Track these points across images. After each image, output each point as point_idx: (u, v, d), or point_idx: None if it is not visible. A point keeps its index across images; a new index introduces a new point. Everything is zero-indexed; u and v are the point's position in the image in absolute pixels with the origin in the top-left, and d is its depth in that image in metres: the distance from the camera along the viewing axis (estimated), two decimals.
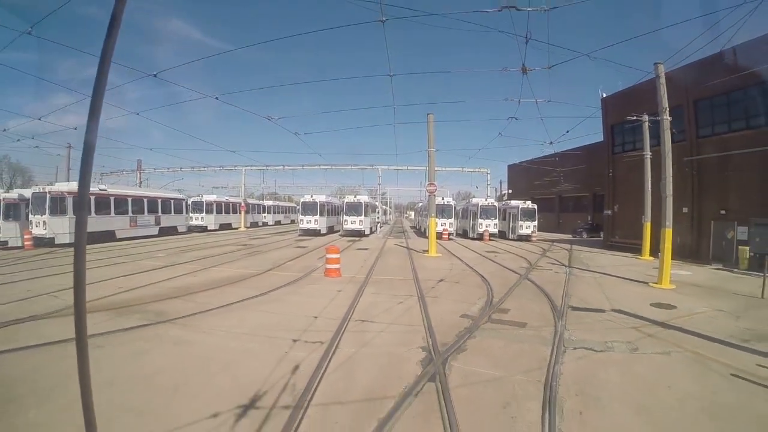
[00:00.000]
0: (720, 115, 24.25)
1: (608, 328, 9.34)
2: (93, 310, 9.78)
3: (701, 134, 25.17)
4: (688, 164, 24.86)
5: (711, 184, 24.20)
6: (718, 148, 23.64)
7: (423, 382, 6.05)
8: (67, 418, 4.68)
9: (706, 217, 24.26)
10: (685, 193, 25.05)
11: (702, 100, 24.87)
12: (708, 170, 24.43)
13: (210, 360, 6.87)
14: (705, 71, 23.22)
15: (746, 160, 21.70)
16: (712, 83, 22.74)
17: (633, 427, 5.03)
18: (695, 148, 25.04)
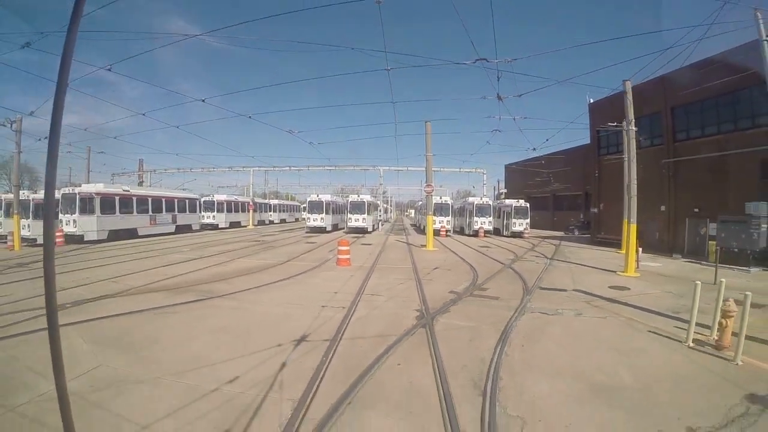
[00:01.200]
0: (694, 121, 26.35)
1: (564, 301, 11.86)
2: (152, 290, 12.38)
3: (678, 138, 27.34)
4: (665, 166, 27.19)
5: (686, 185, 26.30)
6: (693, 151, 25.71)
7: (417, 328, 8.64)
8: (167, 353, 7.21)
9: (682, 214, 26.26)
10: (663, 193, 27.41)
11: (678, 107, 27.06)
12: (683, 171, 26.56)
13: (263, 319, 9.41)
14: (681, 81, 25.38)
15: (717, 163, 23.77)
16: (687, 92, 24.97)
17: (554, 353, 7.51)
18: (672, 151, 27.19)
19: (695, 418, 5.18)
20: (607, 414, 5.32)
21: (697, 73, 24.05)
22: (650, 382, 6.27)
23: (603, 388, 6.06)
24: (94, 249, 24.88)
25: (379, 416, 5.13)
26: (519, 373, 6.50)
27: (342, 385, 5.88)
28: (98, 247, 25.83)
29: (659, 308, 11.04)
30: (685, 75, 24.82)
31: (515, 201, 42.76)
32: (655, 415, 5.28)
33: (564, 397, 5.73)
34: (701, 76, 23.64)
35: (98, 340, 7.67)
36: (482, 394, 5.73)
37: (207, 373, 6.28)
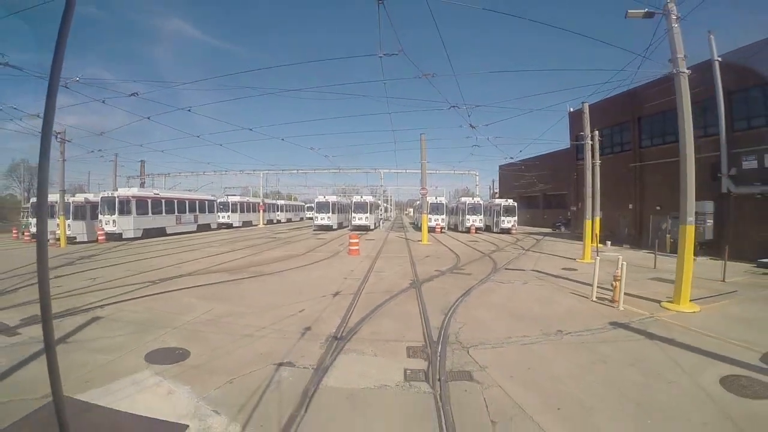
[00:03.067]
0: (657, 130, 30.36)
1: (520, 276, 16.09)
2: (214, 272, 16.66)
3: (643, 145, 31.41)
4: (633, 169, 31.30)
5: (650, 185, 30.27)
6: (656, 156, 29.61)
7: (409, 288, 13.02)
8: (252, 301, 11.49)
9: (647, 212, 29.99)
10: (631, 193, 31.50)
11: (644, 117, 31.07)
12: (648, 174, 30.54)
13: (305, 284, 13.76)
14: (645, 95, 29.25)
15: (675, 166, 27.42)
16: (650, 105, 28.98)
17: (495, 301, 11.76)
18: (638, 156, 31.23)
19: (568, 328, 9.28)
20: (514, 324, 9.52)
21: (659, 88, 27.55)
22: (551, 314, 10.43)
23: (518, 315, 10.29)
24: (136, 245, 29.06)
25: (387, 322, 9.41)
26: (469, 308, 10.78)
27: (364, 311, 10.19)
28: (138, 244, 30.11)
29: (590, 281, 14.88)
30: (649, 90, 28.51)
31: (504, 200, 46.89)
32: (543, 325, 9.41)
33: (491, 317, 9.97)
34: (662, 92, 27.18)
35: (200, 297, 11.86)
36: (444, 314, 10.01)
37: (284, 309, 10.52)
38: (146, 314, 10.07)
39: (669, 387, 6.22)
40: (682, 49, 12.52)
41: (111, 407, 5.43)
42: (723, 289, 14.36)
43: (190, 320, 9.53)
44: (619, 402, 5.76)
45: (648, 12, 12.77)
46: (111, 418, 5.20)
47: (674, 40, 12.48)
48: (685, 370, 6.79)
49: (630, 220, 32.12)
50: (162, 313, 10.19)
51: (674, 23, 12.47)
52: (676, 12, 12.51)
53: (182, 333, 8.59)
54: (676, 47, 12.45)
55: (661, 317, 10.27)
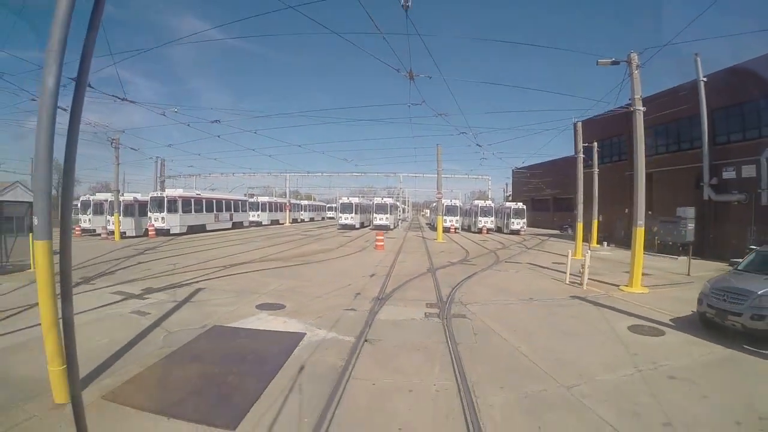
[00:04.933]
0: (648, 142, 33.33)
1: (515, 267, 20.02)
2: (270, 260, 20.69)
3: None
4: (628, 177, 34.58)
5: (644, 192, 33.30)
6: (649, 165, 32.74)
7: (427, 273, 17.07)
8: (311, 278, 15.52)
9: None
10: (627, 198, 34.74)
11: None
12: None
13: (347, 269, 17.90)
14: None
15: (665, 175, 30.89)
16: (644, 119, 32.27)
17: (491, 282, 15.73)
18: (632, 166, 34.11)
19: (537, 297, 13.21)
20: (499, 294, 13.48)
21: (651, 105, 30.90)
22: (528, 290, 14.33)
23: (504, 290, 14.25)
24: (184, 239, 33.46)
25: (411, 292, 13.42)
26: (469, 285, 14.78)
27: (395, 285, 14.30)
28: (185, 238, 34.48)
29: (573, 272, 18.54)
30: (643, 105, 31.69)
31: (514, 204, 50.41)
32: (520, 296, 13.35)
33: (484, 291, 13.93)
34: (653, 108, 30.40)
35: (270, 276, 15.96)
36: (451, 287, 14.03)
37: (336, 283, 14.57)
38: (236, 286, 14.10)
39: (591, 327, 10.08)
40: (640, 91, 16.20)
41: (252, 328, 9.40)
42: (682, 280, 17.49)
43: (272, 289, 13.57)
44: (552, 331, 9.66)
45: (614, 60, 16.48)
46: (257, 333, 9.15)
47: (634, 84, 16.24)
48: (608, 321, 10.61)
49: (625, 223, 35.33)
50: (247, 285, 14.23)
51: (635, 70, 16.19)
52: (637, 61, 16.22)
53: (272, 296, 12.62)
54: (634, 89, 16.15)
55: (613, 295, 14.03)
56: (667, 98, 29.62)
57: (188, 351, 7.93)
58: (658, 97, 30.76)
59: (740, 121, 25.99)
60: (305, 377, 6.68)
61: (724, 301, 9.32)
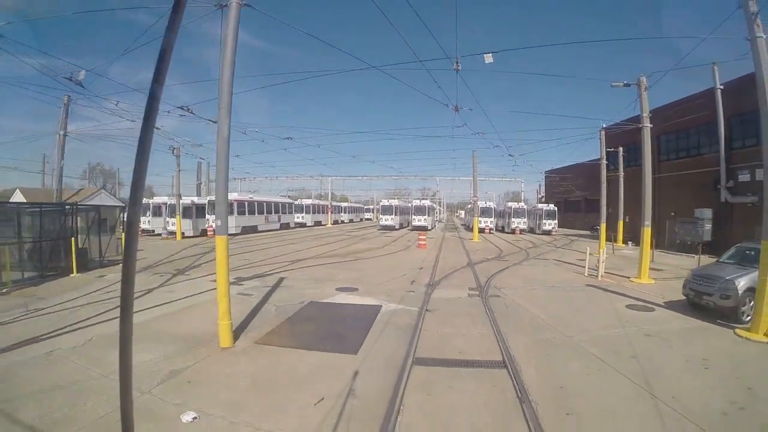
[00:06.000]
0: (672, 146, 35.99)
1: (542, 262, 22.98)
2: (328, 256, 23.95)
3: (661, 159, 36.62)
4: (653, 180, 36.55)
5: (667, 195, 35.03)
6: (672, 168, 35.01)
7: (467, 267, 20.24)
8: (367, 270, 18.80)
9: (664, 217, 34.92)
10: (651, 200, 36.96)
11: (662, 135, 35.99)
12: (665, 184, 35.22)
13: (398, 263, 21.21)
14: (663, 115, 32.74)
15: (686, 177, 33.01)
16: (665, 124, 33.72)
17: (520, 273, 18.79)
18: (657, 169, 35.92)
19: (557, 285, 16.25)
20: (527, 282, 16.55)
21: (675, 110, 33.20)
22: (551, 279, 17.35)
23: (531, 279, 17.28)
24: (241, 239, 37.39)
25: (455, 280, 16.65)
26: (502, 276, 17.86)
27: (441, 275, 17.51)
28: (241, 238, 38.39)
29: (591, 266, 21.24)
30: (667, 111, 33.59)
31: (545, 205, 52.89)
32: (544, 283, 16.37)
33: (514, 280, 17.04)
34: (677, 113, 32.85)
35: (335, 269, 19.31)
36: (487, 277, 17.20)
37: (393, 274, 17.82)
38: (311, 276, 17.49)
39: (596, 305, 13.09)
40: (647, 110, 18.89)
41: (340, 302, 12.68)
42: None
43: (342, 278, 16.91)
44: (565, 306, 12.72)
45: (626, 83, 19.24)
46: (345, 305, 12.45)
47: (643, 103, 18.97)
48: (612, 301, 13.57)
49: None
50: (320, 275, 17.61)
51: (643, 92, 18.92)
52: (646, 83, 18.95)
53: (344, 282, 15.93)
54: (643, 108, 18.89)
55: (623, 284, 16.84)
56: (686, 106, 32.05)
57: (300, 316, 11.25)
58: (678, 104, 32.88)
59: (754, 127, 27.68)
60: (391, 329, 9.93)
61: (700, 284, 12.15)
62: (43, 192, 45.85)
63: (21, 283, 15.42)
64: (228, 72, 8.92)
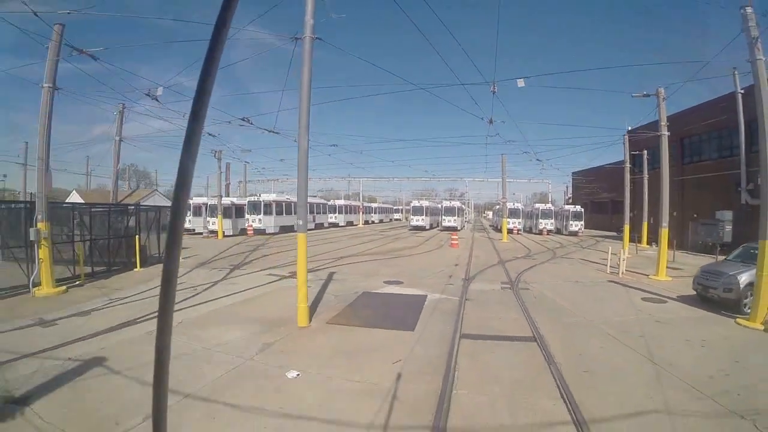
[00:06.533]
0: (695, 149, 36.82)
1: (568, 261, 24.69)
2: (367, 254, 25.97)
3: (685, 162, 37.54)
4: (676, 183, 37.69)
5: (690, 197, 36.18)
6: (693, 172, 35.93)
7: (498, 264, 22.10)
8: (407, 266, 20.77)
9: (687, 218, 36.01)
10: (674, 202, 37.54)
11: (685, 138, 36.88)
12: (688, 187, 36.58)
13: (435, 260, 23.20)
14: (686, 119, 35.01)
15: (709, 180, 33.70)
16: (688, 128, 35.14)
17: (548, 270, 20.62)
18: (681, 171, 36.92)
19: (581, 280, 18.02)
20: (553, 278, 18.34)
21: (698, 114, 34.04)
22: (575, 276, 19.12)
23: (557, 275, 19.10)
24: (279, 238, 39.61)
25: (488, 275, 18.55)
26: (531, 272, 19.70)
27: (475, 271, 19.43)
28: (280, 237, 40.61)
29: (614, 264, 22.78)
30: (690, 115, 34.82)
31: (572, 207, 53.95)
32: (568, 279, 18.15)
33: (542, 275, 18.85)
34: (700, 117, 33.63)
35: (378, 265, 21.31)
36: (518, 273, 19.09)
37: (431, 270, 19.78)
38: (358, 271, 19.54)
39: (614, 297, 14.86)
40: (665, 119, 20.36)
41: (390, 292, 14.64)
42: None
43: (386, 272, 18.90)
44: (587, 297, 14.52)
45: (646, 94, 20.82)
46: (395, 295, 14.44)
47: (661, 113, 20.43)
48: (629, 294, 15.29)
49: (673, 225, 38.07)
50: (366, 270, 19.66)
51: (661, 102, 20.43)
52: (664, 94, 20.46)
53: (389, 276, 17.94)
54: (661, 117, 20.35)
55: (641, 281, 18.48)
56: (709, 109, 32.86)
57: (358, 303, 13.26)
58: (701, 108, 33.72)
59: None
60: (438, 313, 11.89)
61: (707, 280, 13.79)
62: (99, 192, 48.79)
63: (92, 277, 17.43)
64: (306, 96, 10.96)
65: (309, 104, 11.13)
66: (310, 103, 11.17)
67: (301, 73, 11.04)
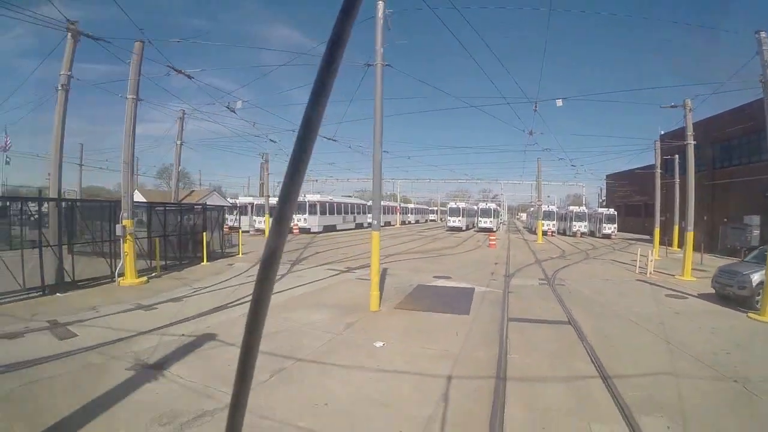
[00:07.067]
0: (725, 154, 37.53)
1: (600, 261, 26.55)
2: (412, 253, 28.19)
3: (716, 166, 38.19)
4: (707, 188, 38.32)
5: (720, 201, 36.92)
6: (724, 176, 36.67)
7: (534, 263, 24.14)
8: (448, 263, 22.93)
9: (717, 222, 36.53)
10: (704, 206, 37.89)
11: (716, 142, 37.06)
12: (719, 191, 37.23)
13: (477, 259, 25.35)
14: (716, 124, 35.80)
15: (739, 185, 34.52)
16: (719, 132, 35.94)
17: (581, 269, 22.58)
18: (712, 176, 37.89)
19: (611, 278, 19.96)
20: (585, 276, 20.35)
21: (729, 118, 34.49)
22: (606, 275, 21.04)
23: (589, 274, 21.08)
24: (323, 236, 42.19)
25: (526, 272, 20.64)
26: (565, 271, 21.68)
27: (515, 269, 21.56)
28: (324, 236, 43.15)
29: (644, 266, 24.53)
30: (720, 120, 35.56)
31: (606, 209, 55.30)
32: (599, 277, 20.09)
33: (576, 274, 20.83)
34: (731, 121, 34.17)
35: (424, 262, 23.52)
36: (554, 271, 21.11)
37: (474, 267, 21.96)
38: (407, 267, 21.71)
39: (641, 293, 16.76)
40: (691, 128, 21.92)
41: (442, 285, 16.80)
42: None
43: (434, 268, 21.14)
44: (615, 293, 16.50)
45: (673, 105, 22.39)
46: (447, 287, 16.64)
47: (688, 123, 22.01)
48: (654, 292, 17.13)
49: (704, 229, 38.32)
50: (415, 267, 21.89)
51: (688, 113, 22.03)
52: (690, 105, 22.05)
53: (437, 272, 20.12)
54: (688, 126, 21.98)
55: (667, 280, 20.22)
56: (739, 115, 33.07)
57: (417, 293, 15.48)
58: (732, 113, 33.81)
59: None
60: (486, 302, 14.07)
61: (724, 278, 15.53)
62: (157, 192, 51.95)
63: (165, 269, 19.32)
64: (378, 114, 13.16)
65: (381, 123, 13.32)
66: (382, 122, 13.36)
67: (374, 96, 13.25)
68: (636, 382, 7.74)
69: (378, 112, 13.17)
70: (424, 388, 7.36)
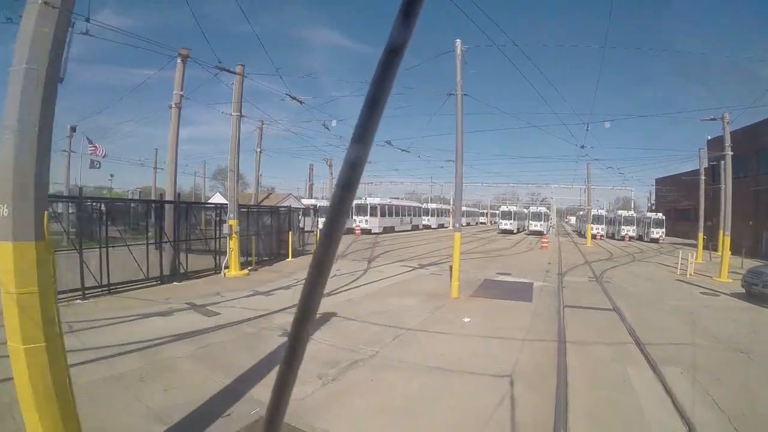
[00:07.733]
0: None
1: (645, 264, 29.11)
2: (472, 253, 31.19)
3: (761, 172, 39.03)
4: (752, 193, 39.16)
5: (765, 207, 37.78)
6: None
7: (584, 264, 26.98)
8: (510, 262, 25.95)
9: (762, 228, 38.29)
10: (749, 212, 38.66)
11: (762, 149, 38.32)
12: (764, 197, 37.84)
13: (531, 260, 28.25)
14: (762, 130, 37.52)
15: None
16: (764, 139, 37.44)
17: (627, 270, 25.34)
18: (756, 182, 39.14)
19: (654, 278, 22.62)
20: (630, 276, 23.09)
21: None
22: (650, 275, 23.69)
23: (634, 274, 23.78)
24: (388, 237, 45.56)
25: (577, 272, 23.55)
26: (612, 271, 24.40)
27: (567, 267, 24.58)
28: (387, 236, 46.48)
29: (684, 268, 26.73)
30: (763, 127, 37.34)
31: (654, 214, 56.74)
32: (643, 277, 22.77)
33: (622, 274, 23.58)
34: None
35: (485, 261, 26.60)
36: (602, 271, 23.86)
37: (530, 266, 24.95)
38: (471, 266, 24.68)
39: (679, 291, 19.49)
40: (729, 139, 24.07)
41: (505, 280, 19.87)
42: None
43: (495, 266, 24.23)
44: (656, 290, 19.29)
45: (712, 118, 24.67)
46: (509, 282, 19.73)
47: (726, 136, 24.19)
48: (691, 290, 19.74)
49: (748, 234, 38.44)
50: (478, 265, 24.92)
51: (726, 125, 24.23)
52: (728, 118, 24.26)
53: (498, 269, 23.20)
54: (726, 137, 24.16)
55: (705, 281, 22.60)
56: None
57: (484, 285, 18.64)
58: None
59: None
60: (544, 293, 17.14)
61: (751, 278, 17.97)
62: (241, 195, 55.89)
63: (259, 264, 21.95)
64: (460, 136, 16.23)
65: (462, 143, 16.35)
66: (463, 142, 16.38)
67: (455, 122, 16.27)
68: (662, 348, 10.61)
69: (459, 134, 16.16)
70: (507, 346, 10.45)
